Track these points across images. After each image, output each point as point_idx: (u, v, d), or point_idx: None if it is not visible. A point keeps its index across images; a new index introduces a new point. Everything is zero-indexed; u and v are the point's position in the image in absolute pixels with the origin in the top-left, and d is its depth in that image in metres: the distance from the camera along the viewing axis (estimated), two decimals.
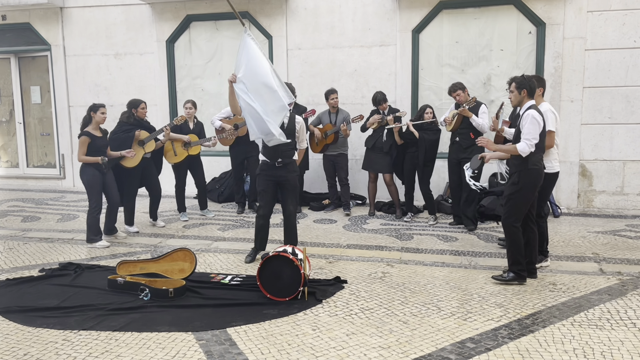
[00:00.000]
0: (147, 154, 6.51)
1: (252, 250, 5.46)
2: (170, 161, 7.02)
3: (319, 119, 7.53)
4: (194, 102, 7.23)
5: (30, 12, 9.51)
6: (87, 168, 5.87)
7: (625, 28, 7.37)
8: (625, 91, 7.46)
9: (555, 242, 5.96)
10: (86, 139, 5.79)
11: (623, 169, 7.59)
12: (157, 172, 6.83)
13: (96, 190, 5.89)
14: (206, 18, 8.82)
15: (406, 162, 6.95)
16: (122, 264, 4.85)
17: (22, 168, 10.21)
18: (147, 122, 6.69)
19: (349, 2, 8.22)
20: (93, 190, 5.87)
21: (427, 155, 6.74)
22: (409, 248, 5.82)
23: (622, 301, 4.21)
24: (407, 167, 6.96)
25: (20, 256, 5.65)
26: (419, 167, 6.80)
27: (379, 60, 8.21)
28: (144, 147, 6.41)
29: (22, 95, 10.04)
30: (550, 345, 3.47)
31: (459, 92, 6.40)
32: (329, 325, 3.82)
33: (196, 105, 7.27)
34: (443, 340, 3.57)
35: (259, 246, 5.43)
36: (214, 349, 3.46)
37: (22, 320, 3.95)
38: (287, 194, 5.31)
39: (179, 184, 7.25)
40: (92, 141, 5.81)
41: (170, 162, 7.05)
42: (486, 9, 7.85)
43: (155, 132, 6.52)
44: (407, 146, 6.91)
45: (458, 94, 6.40)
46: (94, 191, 5.87)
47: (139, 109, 6.45)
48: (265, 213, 5.34)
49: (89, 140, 5.80)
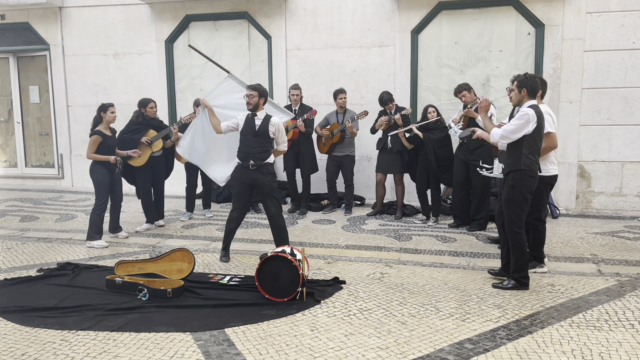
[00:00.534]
0: (155, 153, 6.56)
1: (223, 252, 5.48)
2: (181, 160, 7.03)
3: (327, 119, 7.53)
4: None
5: (29, 12, 9.50)
6: (97, 166, 5.96)
7: (624, 29, 7.38)
8: (624, 92, 7.47)
9: (553, 243, 5.97)
10: (97, 138, 5.88)
11: (621, 170, 7.60)
12: (165, 172, 6.89)
13: (104, 188, 5.97)
14: (205, 18, 8.82)
15: (419, 165, 6.94)
16: (120, 264, 4.84)
17: (20, 168, 10.19)
18: (159, 120, 6.81)
19: (348, 3, 8.22)
20: (101, 188, 5.95)
21: (438, 154, 6.69)
22: (407, 249, 5.82)
23: (620, 302, 4.22)
24: (420, 170, 6.94)
25: (19, 256, 5.65)
26: (431, 168, 6.79)
27: (378, 60, 8.21)
28: (151, 146, 6.45)
29: (21, 94, 10.02)
30: (548, 346, 3.47)
31: (464, 92, 6.39)
32: (328, 326, 3.82)
33: None
34: (441, 341, 3.57)
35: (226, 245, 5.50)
36: (212, 350, 3.45)
37: (20, 320, 3.94)
38: (265, 197, 5.32)
39: (190, 184, 7.26)
40: (103, 140, 5.91)
41: (181, 162, 7.05)
42: (485, 10, 7.85)
43: (162, 132, 6.57)
44: (418, 149, 6.89)
45: (464, 95, 6.39)
46: (101, 189, 5.95)
47: (148, 108, 6.55)
48: (238, 216, 5.40)
49: (100, 140, 5.89)
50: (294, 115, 5.80)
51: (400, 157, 7.11)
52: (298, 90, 7.43)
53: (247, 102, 5.25)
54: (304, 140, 7.42)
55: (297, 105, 7.44)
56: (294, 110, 7.43)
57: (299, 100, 7.45)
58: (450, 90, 8.04)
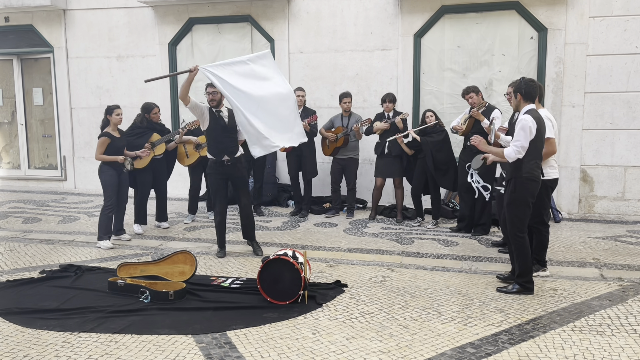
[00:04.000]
0: (157, 156, 6.60)
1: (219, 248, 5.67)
2: (184, 164, 7.05)
3: (331, 122, 7.54)
4: None
5: (33, 14, 9.54)
6: (106, 167, 6.01)
7: (626, 34, 7.38)
8: (627, 97, 7.46)
9: (556, 248, 5.96)
10: (106, 139, 5.96)
11: (624, 174, 7.58)
12: (167, 174, 6.92)
13: (112, 190, 6.02)
14: (208, 21, 8.85)
15: (416, 168, 6.96)
16: (122, 266, 4.85)
17: (23, 169, 10.22)
18: (162, 124, 6.85)
19: (351, 6, 8.24)
20: (109, 189, 6.01)
21: (436, 157, 6.69)
22: (409, 252, 5.81)
23: (622, 307, 4.20)
24: (417, 174, 6.95)
25: (21, 258, 5.66)
26: (429, 171, 6.79)
27: (381, 64, 8.22)
28: (153, 149, 6.50)
29: (25, 96, 10.06)
30: (550, 351, 3.46)
31: (472, 94, 6.38)
32: (329, 329, 3.82)
33: None
34: (443, 345, 3.56)
35: (222, 242, 5.67)
36: (214, 352, 3.45)
37: (22, 321, 3.95)
38: (239, 190, 5.59)
39: (194, 186, 7.28)
40: (111, 142, 5.98)
41: (184, 165, 7.07)
42: (488, 14, 7.86)
43: (166, 136, 6.62)
44: (417, 153, 6.91)
45: (471, 97, 6.37)
46: (109, 190, 6.01)
47: (152, 113, 6.63)
48: (222, 210, 5.61)
49: (108, 141, 5.97)
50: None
51: (400, 161, 7.12)
52: (302, 92, 7.45)
53: (212, 98, 5.41)
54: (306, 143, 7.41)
55: (300, 108, 7.45)
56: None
57: (303, 102, 7.46)
58: (452, 94, 8.07)
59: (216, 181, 5.54)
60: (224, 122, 5.43)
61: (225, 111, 5.52)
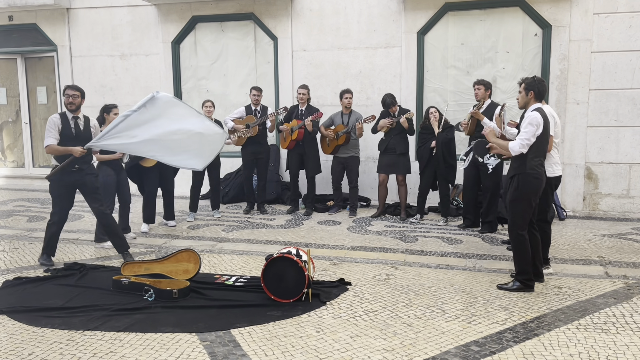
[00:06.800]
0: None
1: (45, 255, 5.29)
2: None
3: (331, 120, 7.53)
4: (212, 102, 7.27)
5: (36, 13, 9.56)
6: (103, 167, 5.97)
7: (631, 30, 7.34)
8: (632, 94, 7.43)
9: (560, 245, 5.94)
10: None
11: (629, 172, 7.55)
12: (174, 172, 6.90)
13: (110, 189, 5.99)
14: (212, 19, 8.84)
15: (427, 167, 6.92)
16: (126, 264, 4.86)
17: (28, 168, 10.25)
18: None
19: (354, 4, 8.22)
20: (107, 189, 5.96)
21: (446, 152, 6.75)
22: (413, 250, 5.81)
23: (627, 305, 4.19)
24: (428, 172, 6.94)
25: (26, 256, 5.67)
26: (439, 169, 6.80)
27: (384, 62, 8.20)
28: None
29: (29, 95, 10.09)
30: (555, 349, 3.45)
31: (480, 86, 6.36)
32: (333, 327, 3.82)
33: (214, 105, 7.30)
34: (447, 343, 3.56)
35: (50, 251, 5.31)
36: (218, 350, 3.46)
37: (27, 320, 3.96)
38: (88, 197, 5.34)
39: (196, 184, 7.29)
40: None
41: None
42: (492, 11, 7.83)
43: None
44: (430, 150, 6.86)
45: (479, 88, 6.36)
46: (107, 190, 5.96)
47: None
48: (60, 219, 5.34)
49: None
50: None
51: (404, 158, 7.11)
52: (305, 89, 7.43)
53: (71, 102, 5.19)
54: (308, 141, 7.41)
55: (304, 105, 7.44)
56: (300, 110, 7.44)
57: (306, 100, 7.44)
58: (456, 91, 8.05)
59: (58, 188, 5.29)
60: (80, 130, 5.25)
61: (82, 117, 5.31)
